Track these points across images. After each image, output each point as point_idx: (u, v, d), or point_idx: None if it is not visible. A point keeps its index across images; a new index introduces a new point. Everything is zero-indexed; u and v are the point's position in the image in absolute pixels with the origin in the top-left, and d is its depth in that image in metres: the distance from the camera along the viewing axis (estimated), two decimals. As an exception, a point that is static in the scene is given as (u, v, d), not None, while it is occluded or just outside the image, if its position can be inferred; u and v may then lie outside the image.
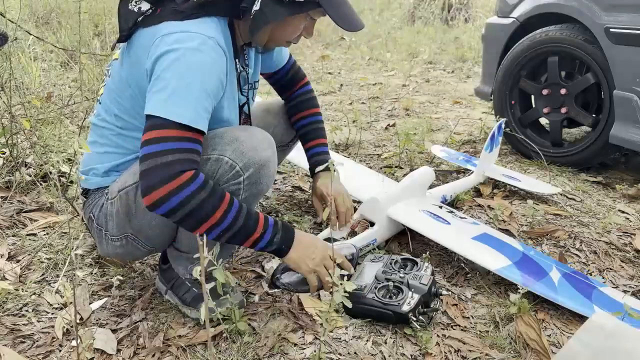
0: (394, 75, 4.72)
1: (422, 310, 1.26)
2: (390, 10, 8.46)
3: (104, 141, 1.24)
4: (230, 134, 1.15)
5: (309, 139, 1.60)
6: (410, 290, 1.26)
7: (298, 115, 1.61)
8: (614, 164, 2.55)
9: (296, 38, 1.28)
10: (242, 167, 1.13)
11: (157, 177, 1.01)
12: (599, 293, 1.36)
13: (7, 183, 1.94)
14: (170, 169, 1.01)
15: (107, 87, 1.25)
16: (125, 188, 1.18)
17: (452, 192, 1.95)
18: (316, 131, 1.60)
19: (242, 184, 1.14)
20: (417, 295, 1.25)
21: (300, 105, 1.61)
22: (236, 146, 1.13)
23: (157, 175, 1.01)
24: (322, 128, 1.62)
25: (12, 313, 1.31)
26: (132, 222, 1.20)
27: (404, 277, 1.30)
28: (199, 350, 1.19)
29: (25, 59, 3.20)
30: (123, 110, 1.20)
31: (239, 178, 1.13)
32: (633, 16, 2.03)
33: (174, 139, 1.03)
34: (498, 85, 2.61)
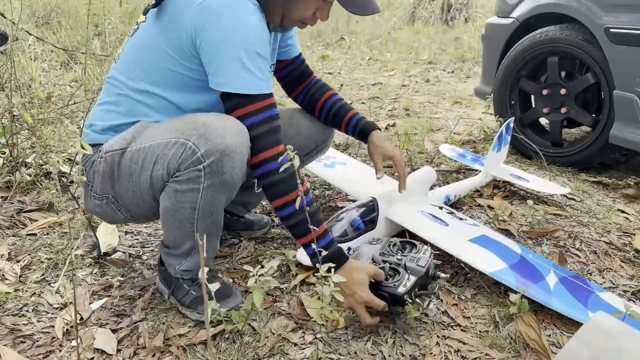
0: (394, 75, 4.72)
1: (419, 293, 1.24)
2: (390, 10, 8.46)
3: (109, 99, 1.27)
4: (201, 119, 1.16)
5: (344, 114, 1.57)
6: (407, 272, 1.25)
7: (321, 100, 1.58)
8: (614, 164, 2.55)
9: (311, 19, 1.28)
10: (203, 154, 1.12)
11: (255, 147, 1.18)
12: (596, 299, 1.35)
13: (7, 183, 1.94)
14: (261, 143, 1.18)
15: (128, 47, 1.27)
16: (112, 151, 1.20)
17: (457, 192, 1.95)
18: (345, 106, 1.58)
19: (202, 172, 1.13)
20: (414, 277, 1.23)
21: (320, 90, 1.59)
22: (202, 131, 1.13)
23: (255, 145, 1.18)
24: (345, 103, 1.60)
25: (12, 313, 1.31)
26: (114, 186, 1.23)
27: (401, 259, 1.28)
28: (199, 350, 1.19)
29: (25, 59, 3.20)
30: (140, 73, 1.22)
31: (199, 165, 1.13)
32: (633, 16, 2.03)
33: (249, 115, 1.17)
34: (498, 85, 2.61)
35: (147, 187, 1.19)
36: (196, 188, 1.15)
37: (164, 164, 1.15)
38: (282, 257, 1.57)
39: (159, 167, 1.16)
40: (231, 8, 1.12)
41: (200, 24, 1.12)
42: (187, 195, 1.16)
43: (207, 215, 1.20)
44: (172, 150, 1.14)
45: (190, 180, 1.14)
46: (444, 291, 1.43)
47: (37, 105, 2.63)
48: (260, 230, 1.74)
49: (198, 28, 1.12)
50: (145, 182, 1.19)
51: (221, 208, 1.23)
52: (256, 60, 1.15)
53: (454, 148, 2.43)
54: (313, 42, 6.13)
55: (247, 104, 1.16)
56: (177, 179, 1.15)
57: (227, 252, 1.62)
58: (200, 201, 1.17)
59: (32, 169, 2.04)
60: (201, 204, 1.17)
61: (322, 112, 1.58)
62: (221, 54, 1.12)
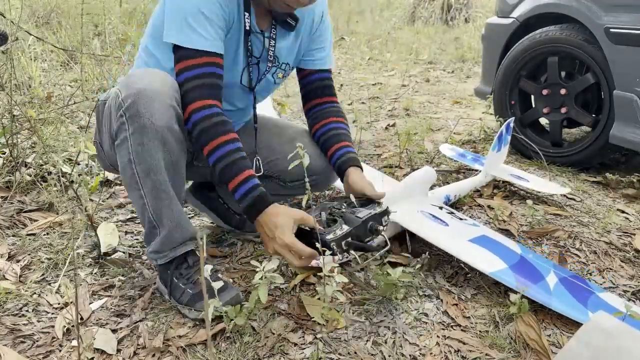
0: (394, 75, 4.72)
1: (352, 243, 1.23)
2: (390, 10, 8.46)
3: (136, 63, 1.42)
4: (136, 72, 1.24)
5: (334, 142, 1.47)
6: (343, 222, 1.25)
7: (324, 121, 1.50)
8: (614, 164, 2.55)
9: (294, 1, 1.26)
10: (123, 98, 1.17)
11: (184, 101, 1.23)
12: (596, 299, 1.35)
13: (7, 183, 1.94)
14: (189, 97, 1.22)
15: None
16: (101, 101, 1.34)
17: (457, 192, 1.95)
18: (340, 136, 1.47)
19: (124, 117, 1.17)
20: (347, 226, 1.23)
21: (328, 113, 1.50)
22: (127, 80, 1.20)
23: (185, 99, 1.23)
24: (347, 134, 1.50)
25: (12, 313, 1.31)
26: (101, 131, 1.36)
27: (345, 211, 1.30)
28: (199, 350, 1.19)
29: (25, 59, 3.20)
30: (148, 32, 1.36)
31: (120, 110, 1.17)
32: (633, 16, 2.03)
33: (185, 69, 1.22)
34: (498, 85, 2.61)
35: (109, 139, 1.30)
36: (125, 137, 1.18)
37: (109, 115, 1.26)
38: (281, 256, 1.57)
39: (111, 121, 1.24)
40: None
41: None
42: (122, 149, 1.21)
43: (146, 172, 1.20)
44: (112, 101, 1.22)
45: (119, 130, 1.19)
46: (444, 291, 1.43)
47: (37, 105, 2.63)
48: (250, 232, 1.72)
49: None
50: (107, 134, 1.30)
51: (160, 165, 1.20)
52: (200, 19, 1.21)
53: (454, 148, 2.43)
54: (313, 42, 6.13)
55: (184, 57, 1.23)
56: (114, 133, 1.22)
57: (227, 252, 1.62)
58: (131, 152, 1.19)
59: (32, 169, 2.04)
60: (134, 156, 1.19)
61: (318, 131, 1.50)
62: (171, 7, 1.23)
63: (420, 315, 1.34)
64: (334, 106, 1.53)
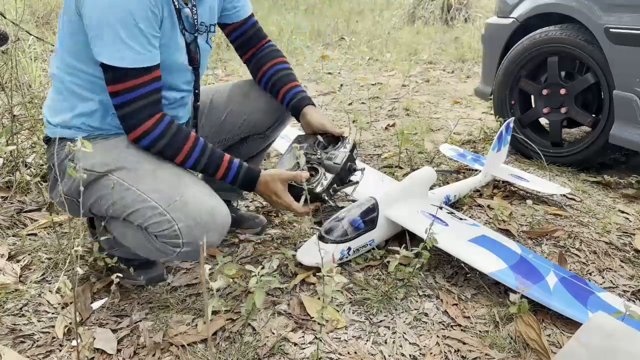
0: (394, 75, 4.72)
1: (338, 188, 1.35)
2: (390, 10, 8.46)
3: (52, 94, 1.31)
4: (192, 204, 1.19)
5: (283, 84, 1.51)
6: (324, 170, 1.31)
7: (266, 66, 1.52)
8: (614, 164, 2.55)
9: None
10: (184, 242, 1.21)
11: (130, 124, 1.21)
12: (596, 299, 1.35)
13: (7, 183, 1.94)
14: (135, 118, 1.20)
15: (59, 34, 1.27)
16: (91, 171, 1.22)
17: (457, 192, 1.95)
18: (289, 76, 1.52)
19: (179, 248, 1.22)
20: (330, 175, 1.30)
21: (268, 56, 1.53)
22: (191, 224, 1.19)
23: (129, 122, 1.21)
24: (293, 73, 1.54)
25: (12, 313, 1.31)
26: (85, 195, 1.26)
27: (321, 158, 1.36)
28: (199, 350, 1.20)
29: (25, 59, 3.20)
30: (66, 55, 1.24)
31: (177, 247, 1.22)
32: (633, 16, 2.03)
33: (129, 90, 1.17)
34: (498, 85, 2.61)
35: (114, 213, 1.25)
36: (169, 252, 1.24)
37: (143, 219, 1.21)
38: (282, 256, 1.57)
39: (136, 217, 1.22)
40: None
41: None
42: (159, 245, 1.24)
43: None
44: (156, 218, 1.19)
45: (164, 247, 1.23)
46: (444, 291, 1.43)
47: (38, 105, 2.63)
48: (249, 229, 1.74)
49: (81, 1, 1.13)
50: (115, 210, 1.24)
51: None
52: (134, 32, 1.15)
53: (454, 148, 2.43)
54: (313, 42, 6.13)
55: (123, 78, 1.17)
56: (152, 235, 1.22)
57: (227, 252, 1.62)
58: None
59: (32, 169, 2.04)
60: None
61: (263, 80, 1.53)
62: (98, 21, 1.13)
63: (420, 315, 1.34)
64: (271, 46, 1.55)
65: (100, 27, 1.13)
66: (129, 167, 1.23)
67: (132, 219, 1.22)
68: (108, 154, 1.24)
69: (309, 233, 1.72)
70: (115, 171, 1.23)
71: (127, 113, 1.20)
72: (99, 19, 1.12)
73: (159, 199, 1.19)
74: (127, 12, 1.13)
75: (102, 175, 1.23)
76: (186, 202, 1.18)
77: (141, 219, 1.21)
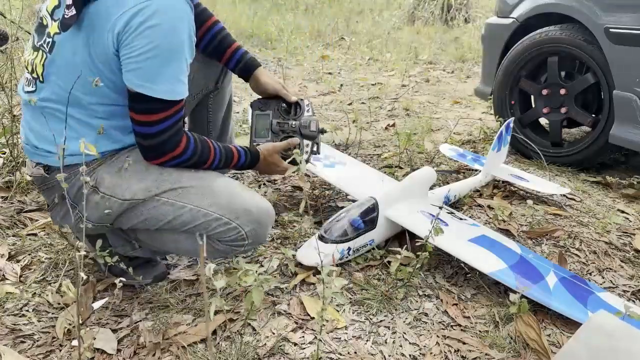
0: (394, 75, 4.72)
1: (315, 151, 1.53)
2: (390, 10, 8.46)
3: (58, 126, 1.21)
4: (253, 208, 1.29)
5: (228, 44, 1.52)
6: (302, 138, 1.48)
7: (203, 27, 1.49)
8: (614, 164, 2.55)
9: None
10: (250, 242, 1.32)
11: (157, 152, 1.22)
12: (596, 299, 1.35)
13: (7, 183, 1.94)
14: (167, 145, 1.21)
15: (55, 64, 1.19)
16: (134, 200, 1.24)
17: (456, 192, 1.95)
18: (229, 37, 1.54)
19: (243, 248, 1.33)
20: (310, 142, 1.50)
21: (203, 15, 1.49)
22: (256, 227, 1.30)
23: (158, 150, 1.21)
24: (230, 34, 1.55)
25: (12, 313, 1.31)
26: (118, 219, 1.29)
27: (295, 126, 1.50)
28: (200, 350, 1.20)
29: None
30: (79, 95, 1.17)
31: (241, 248, 1.33)
32: (633, 16, 2.03)
33: (165, 119, 1.18)
34: (498, 85, 2.61)
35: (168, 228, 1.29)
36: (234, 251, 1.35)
37: (207, 230, 1.27)
38: (282, 256, 1.57)
39: (199, 229, 1.27)
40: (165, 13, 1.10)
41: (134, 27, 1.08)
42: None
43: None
44: (222, 227, 1.27)
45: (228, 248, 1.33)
46: (444, 291, 1.43)
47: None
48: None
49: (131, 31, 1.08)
50: (172, 226, 1.28)
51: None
52: (184, 67, 1.17)
53: (454, 148, 2.43)
54: (313, 42, 6.13)
55: (165, 108, 1.17)
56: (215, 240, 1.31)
57: (227, 252, 1.62)
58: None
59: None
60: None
61: (203, 41, 1.50)
62: (152, 59, 1.10)
63: (420, 315, 1.34)
64: (201, 5, 1.50)
65: (152, 59, 1.10)
66: (174, 187, 1.25)
67: (194, 230, 1.28)
68: (146, 179, 1.24)
69: (309, 233, 1.72)
70: (162, 194, 1.25)
71: (155, 143, 1.20)
72: (152, 51, 1.10)
73: (220, 210, 1.26)
74: (181, 47, 1.14)
75: (147, 199, 1.25)
76: (246, 209, 1.27)
77: (204, 229, 1.27)
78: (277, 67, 4.63)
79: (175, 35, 1.12)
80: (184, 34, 1.14)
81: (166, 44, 1.11)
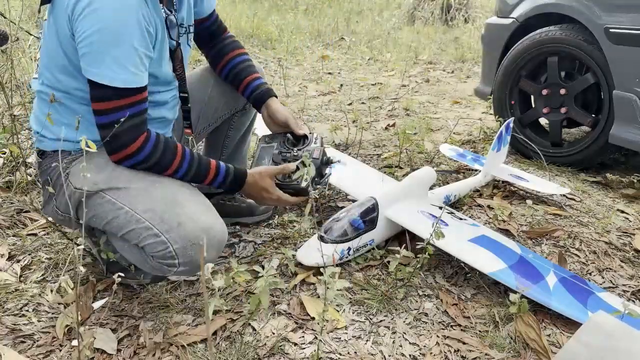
0: (394, 75, 4.72)
1: (318, 180, 1.44)
2: (390, 10, 8.46)
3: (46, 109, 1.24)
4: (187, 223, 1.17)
5: (246, 75, 1.54)
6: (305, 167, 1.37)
7: (228, 56, 1.55)
8: (614, 164, 2.55)
9: None
10: (180, 263, 1.19)
11: (112, 146, 1.18)
12: (596, 299, 1.35)
13: (8, 183, 1.94)
14: (122, 139, 1.17)
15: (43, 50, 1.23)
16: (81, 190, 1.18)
17: (456, 192, 1.95)
18: (251, 68, 1.56)
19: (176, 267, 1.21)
20: (309, 169, 1.36)
21: (228, 47, 1.56)
22: (187, 245, 1.16)
23: (114, 143, 1.17)
24: (253, 65, 1.57)
25: (13, 313, 1.31)
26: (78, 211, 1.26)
27: (297, 155, 1.42)
28: (200, 350, 1.20)
29: (25, 59, 3.20)
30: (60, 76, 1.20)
31: (173, 267, 1.20)
32: (633, 16, 2.03)
33: (118, 109, 1.14)
34: (498, 85, 2.61)
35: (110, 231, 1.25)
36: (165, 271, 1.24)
37: (138, 240, 1.19)
38: (282, 256, 1.57)
39: (132, 237, 1.20)
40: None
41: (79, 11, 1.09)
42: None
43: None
44: (151, 239, 1.17)
45: (160, 267, 1.22)
46: (444, 291, 1.44)
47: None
48: (263, 214, 1.78)
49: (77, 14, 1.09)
50: (111, 228, 1.24)
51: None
52: (131, 54, 1.13)
53: (454, 148, 2.43)
54: (313, 42, 6.13)
55: (113, 97, 1.14)
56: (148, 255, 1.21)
57: (227, 252, 1.62)
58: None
59: (32, 169, 2.04)
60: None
61: (226, 68, 1.55)
62: (96, 40, 1.10)
63: (420, 315, 1.34)
64: (230, 37, 1.57)
65: (95, 44, 1.09)
66: (120, 185, 1.20)
67: (128, 238, 1.21)
68: (99, 172, 1.21)
69: (309, 233, 1.72)
70: (107, 190, 1.20)
71: (112, 134, 1.16)
72: (94, 35, 1.09)
73: (152, 219, 1.17)
74: (124, 31, 1.11)
75: (94, 193, 1.21)
76: (181, 223, 1.16)
77: (136, 239, 1.19)
78: (277, 67, 4.63)
79: (118, 20, 1.10)
80: (129, 20, 1.11)
81: (108, 28, 1.09)
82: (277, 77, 4.25)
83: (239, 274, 1.12)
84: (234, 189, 1.37)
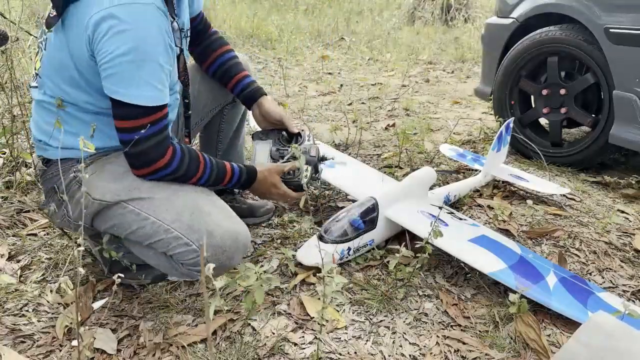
0: (394, 75, 4.72)
1: (315, 176, 1.53)
2: (390, 10, 8.46)
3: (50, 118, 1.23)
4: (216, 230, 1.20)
5: (236, 72, 1.54)
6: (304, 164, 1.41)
7: (216, 53, 1.54)
8: (614, 164, 2.55)
9: None
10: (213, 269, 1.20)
11: (141, 162, 1.19)
12: (596, 299, 1.36)
13: (7, 183, 1.94)
14: (151, 155, 1.18)
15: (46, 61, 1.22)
16: (102, 201, 1.22)
17: (457, 192, 1.95)
18: (239, 65, 1.55)
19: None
20: (309, 166, 1.47)
21: (217, 43, 1.55)
22: (217, 252, 1.19)
23: (142, 159, 1.18)
24: (241, 63, 1.57)
25: (13, 313, 1.31)
26: (94, 221, 1.27)
27: (295, 152, 1.45)
28: (199, 350, 1.20)
29: (25, 59, 3.20)
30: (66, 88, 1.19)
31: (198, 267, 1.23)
32: (633, 16, 2.03)
33: (145, 126, 1.15)
34: (498, 85, 2.61)
35: (135, 240, 1.25)
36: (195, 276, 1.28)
37: (167, 248, 1.22)
38: (282, 256, 1.57)
39: (160, 246, 1.22)
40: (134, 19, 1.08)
41: (102, 32, 1.07)
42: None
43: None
44: (182, 248, 1.20)
45: (190, 273, 1.26)
46: (444, 291, 1.43)
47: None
48: (264, 215, 1.79)
49: (100, 35, 1.08)
50: (137, 237, 1.24)
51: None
52: (156, 72, 1.13)
53: (453, 148, 2.43)
54: (313, 42, 6.13)
55: (140, 115, 1.14)
56: (178, 262, 1.25)
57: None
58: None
59: (32, 169, 2.04)
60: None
61: (213, 65, 1.54)
62: (122, 64, 1.09)
63: (420, 315, 1.34)
64: (215, 34, 1.57)
65: (122, 64, 1.09)
66: (143, 195, 1.21)
67: (155, 247, 1.23)
68: (119, 182, 1.22)
69: (309, 233, 1.72)
70: (129, 201, 1.21)
71: (139, 151, 1.17)
72: (122, 57, 1.08)
73: (181, 228, 1.19)
74: (152, 50, 1.11)
75: (114, 203, 1.21)
76: (210, 232, 1.18)
77: (165, 247, 1.22)
78: (277, 67, 4.63)
79: (145, 40, 1.10)
80: (155, 39, 1.12)
81: (136, 50, 1.09)
82: (277, 77, 4.25)
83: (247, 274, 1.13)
84: (244, 187, 1.41)
